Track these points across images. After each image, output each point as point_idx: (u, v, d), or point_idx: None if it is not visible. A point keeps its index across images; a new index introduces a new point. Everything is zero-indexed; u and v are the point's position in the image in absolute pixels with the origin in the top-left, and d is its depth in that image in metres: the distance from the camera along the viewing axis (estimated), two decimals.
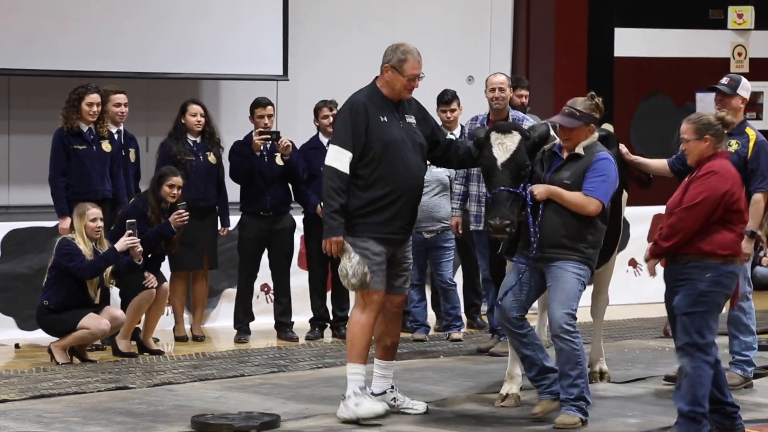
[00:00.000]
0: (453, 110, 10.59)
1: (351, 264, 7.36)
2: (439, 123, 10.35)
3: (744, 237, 8.07)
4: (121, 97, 10.37)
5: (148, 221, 9.78)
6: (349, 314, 7.59)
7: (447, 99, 10.62)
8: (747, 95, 8.41)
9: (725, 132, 7.00)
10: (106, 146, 10.11)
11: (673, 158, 8.58)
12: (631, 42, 15.27)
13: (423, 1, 14.11)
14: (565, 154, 7.42)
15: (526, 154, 7.38)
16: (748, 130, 8.32)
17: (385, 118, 7.43)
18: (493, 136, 7.44)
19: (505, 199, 7.28)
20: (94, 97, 9.99)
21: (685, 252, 6.83)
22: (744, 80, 8.40)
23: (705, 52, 15.33)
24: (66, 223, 9.83)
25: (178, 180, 9.86)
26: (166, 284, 10.06)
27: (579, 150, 7.36)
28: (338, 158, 7.35)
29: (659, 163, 8.38)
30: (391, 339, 7.68)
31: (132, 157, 10.49)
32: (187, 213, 9.83)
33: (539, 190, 7.32)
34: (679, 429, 6.78)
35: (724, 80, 8.39)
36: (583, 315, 7.90)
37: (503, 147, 7.38)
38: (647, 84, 15.49)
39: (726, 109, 8.25)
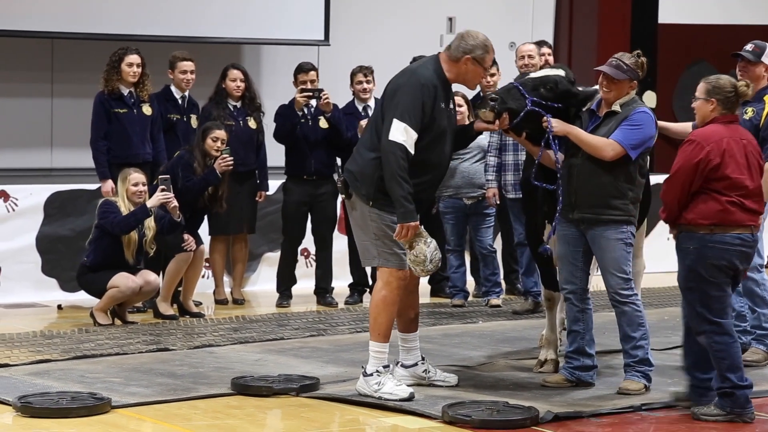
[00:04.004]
0: (492, 75, 10.52)
1: (429, 249, 7.05)
2: (478, 88, 10.36)
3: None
4: (188, 65, 10.40)
5: (193, 171, 9.82)
6: None
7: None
8: None
9: (738, 100, 6.81)
10: (147, 109, 10.15)
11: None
12: (676, 9, 15.12)
13: None
14: (602, 111, 7.33)
15: (556, 83, 7.33)
16: (767, 98, 8.08)
17: (443, 105, 7.18)
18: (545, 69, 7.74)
19: (510, 90, 7.30)
20: (134, 58, 10.02)
21: (679, 222, 6.79)
22: None
23: (750, 19, 15.16)
24: (107, 186, 9.89)
25: (221, 133, 9.88)
26: (203, 246, 10.10)
27: (615, 107, 7.27)
28: (408, 139, 6.97)
29: (683, 127, 8.13)
30: (413, 311, 7.48)
31: (194, 123, 10.50)
32: (231, 158, 9.86)
33: (557, 124, 7.21)
34: (716, 405, 6.75)
35: (749, 47, 8.14)
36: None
37: (543, 71, 7.56)
38: (691, 51, 15.35)
39: (748, 76, 8.10)
